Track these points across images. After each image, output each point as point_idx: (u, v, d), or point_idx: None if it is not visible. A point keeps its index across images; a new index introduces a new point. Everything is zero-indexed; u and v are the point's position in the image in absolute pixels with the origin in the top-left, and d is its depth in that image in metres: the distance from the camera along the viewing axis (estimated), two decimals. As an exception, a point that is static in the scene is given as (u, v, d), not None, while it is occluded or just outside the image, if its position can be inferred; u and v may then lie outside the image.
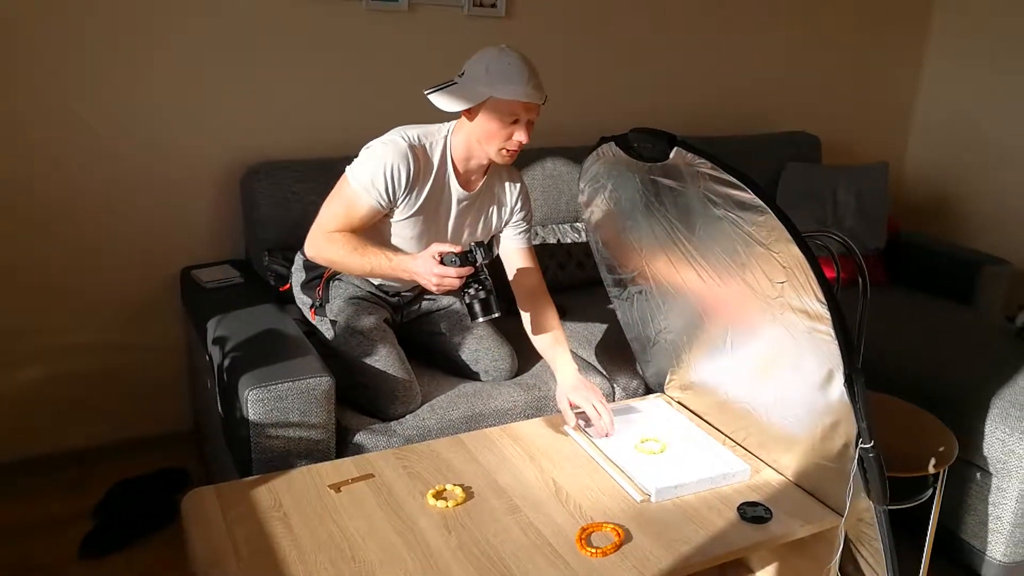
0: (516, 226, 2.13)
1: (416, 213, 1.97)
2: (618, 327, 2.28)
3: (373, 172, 1.88)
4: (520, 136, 1.88)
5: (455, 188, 2.00)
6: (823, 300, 1.45)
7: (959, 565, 2.22)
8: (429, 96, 1.91)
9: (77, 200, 2.43)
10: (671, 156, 1.62)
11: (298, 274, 2.22)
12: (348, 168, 1.93)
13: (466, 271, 1.76)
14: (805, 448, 1.67)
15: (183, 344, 2.67)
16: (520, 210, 2.12)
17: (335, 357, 2.05)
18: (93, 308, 2.52)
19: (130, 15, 2.36)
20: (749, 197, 1.48)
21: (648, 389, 2.28)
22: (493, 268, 1.88)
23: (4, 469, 2.49)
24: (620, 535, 1.53)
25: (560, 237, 2.88)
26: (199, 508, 1.58)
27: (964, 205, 3.86)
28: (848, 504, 1.59)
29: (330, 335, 2.10)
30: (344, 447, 1.93)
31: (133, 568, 2.15)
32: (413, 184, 1.92)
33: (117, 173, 2.46)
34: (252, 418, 1.81)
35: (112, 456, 2.60)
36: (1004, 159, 3.66)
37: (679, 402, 2.10)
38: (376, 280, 2.15)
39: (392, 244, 2.01)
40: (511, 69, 1.82)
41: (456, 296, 2.24)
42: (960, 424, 2.11)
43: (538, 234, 2.84)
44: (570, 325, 2.52)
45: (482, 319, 1.81)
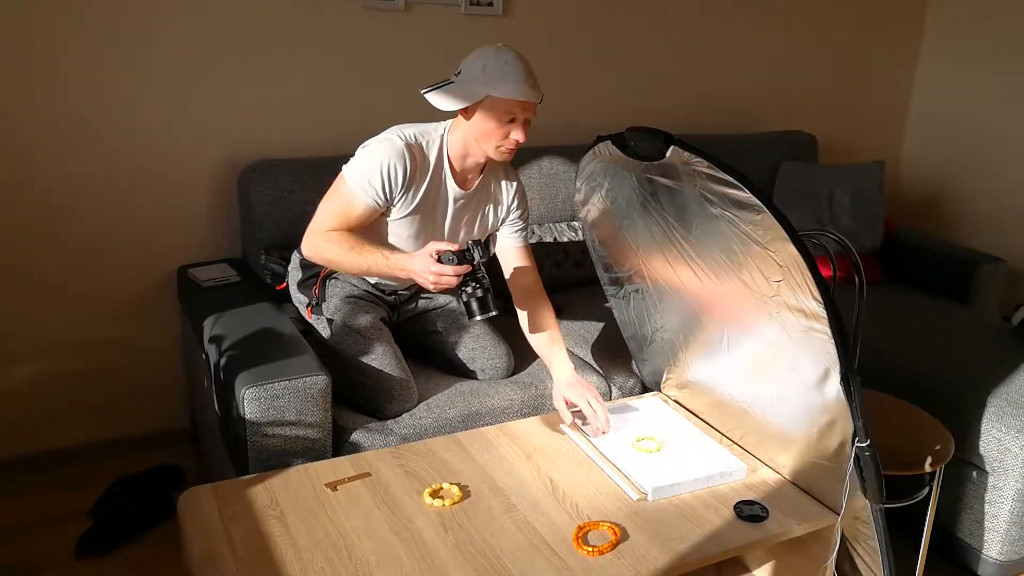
0: (513, 224, 2.13)
1: (413, 212, 1.97)
2: (615, 326, 2.28)
3: (370, 171, 1.88)
4: (517, 135, 1.88)
5: (452, 187, 2.00)
6: (819, 299, 1.45)
7: (955, 563, 2.22)
8: (426, 95, 1.91)
9: (74, 199, 2.42)
10: (667, 155, 1.62)
11: (295, 273, 2.22)
12: (345, 167, 1.93)
13: (463, 269, 1.76)
14: (801, 447, 1.67)
15: (180, 342, 2.66)
16: (517, 208, 2.12)
17: (332, 356, 2.05)
18: (90, 306, 2.52)
19: (127, 14, 2.35)
20: (746, 196, 1.48)
21: (645, 388, 2.28)
22: (489, 267, 1.88)
23: (0, 467, 2.48)
24: (617, 534, 1.54)
25: (557, 236, 2.88)
26: (195, 506, 1.58)
27: (960, 204, 3.87)
28: (844, 503, 1.59)
29: (327, 334, 2.10)
30: (340, 446, 1.93)
31: (130, 566, 2.15)
32: (410, 183, 1.92)
33: (114, 172, 2.45)
34: (248, 417, 1.81)
35: (109, 454, 2.60)
36: (1000, 157, 3.67)
37: (676, 401, 2.10)
38: (373, 279, 2.15)
39: (389, 243, 2.01)
40: (508, 68, 1.82)
41: (453, 294, 2.24)
42: (956, 422, 2.11)
43: (535, 233, 2.83)
44: (567, 324, 2.52)
45: (479, 317, 1.81)
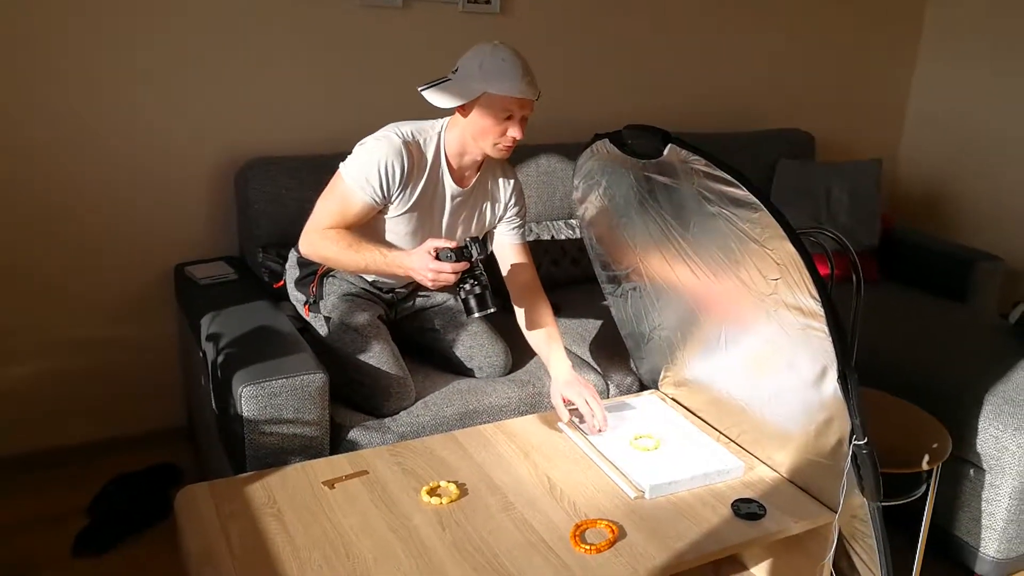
0: (510, 222, 2.12)
1: (410, 209, 1.97)
2: (612, 324, 2.28)
3: (367, 168, 1.88)
4: (514, 132, 1.88)
5: (449, 184, 1.99)
6: (817, 297, 1.45)
7: (952, 561, 2.22)
8: (423, 92, 1.91)
9: (71, 197, 2.42)
10: (665, 153, 1.62)
11: (292, 271, 2.21)
12: (342, 165, 1.93)
13: (461, 266, 1.76)
14: (799, 445, 1.67)
15: (177, 341, 2.66)
16: (514, 206, 2.12)
17: (329, 354, 2.04)
18: (87, 304, 2.51)
19: (126, 13, 2.35)
20: (743, 194, 1.48)
21: (642, 386, 2.28)
22: (487, 265, 1.87)
23: (-3, 466, 2.49)
24: (614, 532, 1.53)
25: (554, 234, 2.88)
26: (193, 505, 1.58)
27: (958, 202, 3.87)
28: (842, 500, 1.59)
29: (324, 332, 2.10)
30: (338, 444, 1.92)
31: (127, 564, 2.15)
32: (407, 180, 1.91)
33: (112, 170, 2.45)
34: (246, 415, 1.80)
35: (106, 452, 2.60)
36: (998, 156, 3.67)
37: (673, 399, 2.10)
38: (370, 277, 2.15)
39: (387, 241, 2.01)
40: (505, 65, 1.82)
41: (451, 292, 2.24)
42: (954, 421, 2.12)
43: (532, 231, 2.83)
44: (564, 322, 2.52)
45: (478, 314, 1.81)
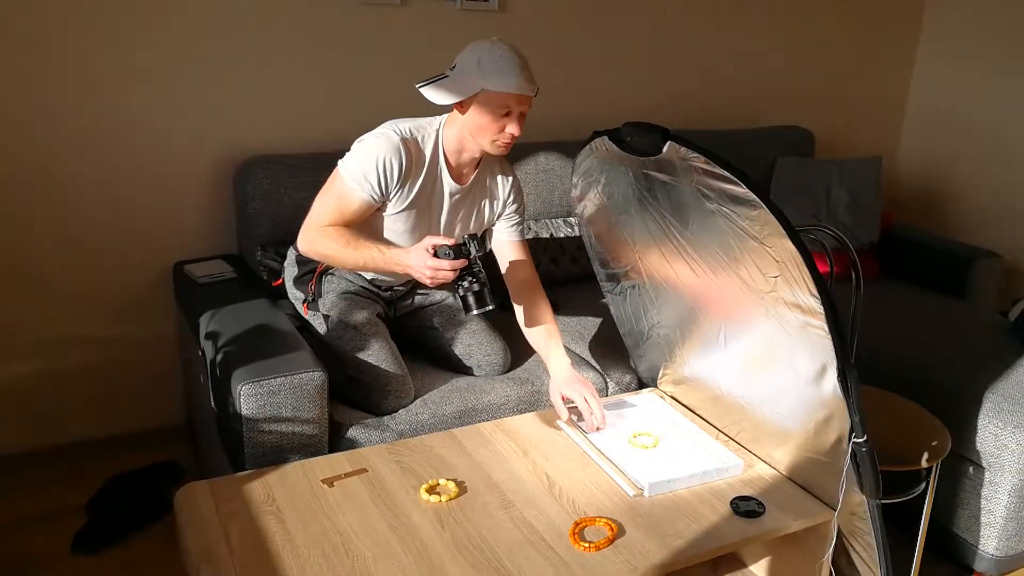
0: (509, 219, 2.12)
1: (408, 207, 1.96)
2: (611, 322, 2.28)
3: (365, 166, 1.88)
4: (512, 128, 1.88)
5: (447, 181, 1.99)
6: (816, 294, 1.45)
7: (951, 559, 2.22)
8: (421, 89, 1.91)
9: (70, 196, 2.41)
10: (664, 150, 1.61)
11: (291, 269, 2.21)
12: (340, 162, 1.92)
13: (460, 264, 1.76)
14: (798, 442, 1.67)
15: (176, 339, 2.66)
16: (513, 203, 2.12)
17: (328, 352, 2.04)
18: (86, 303, 2.51)
19: (124, 12, 2.34)
20: (742, 191, 1.48)
21: (641, 384, 2.28)
22: (486, 262, 1.87)
23: (-4, 464, 2.49)
24: (613, 529, 1.53)
25: (553, 231, 2.88)
26: (192, 503, 1.58)
27: (957, 199, 3.87)
28: (841, 498, 1.59)
29: (323, 330, 2.09)
30: (337, 442, 1.92)
31: (126, 563, 2.15)
32: (405, 178, 1.91)
33: (110, 168, 2.44)
34: (245, 413, 1.80)
35: (105, 451, 2.59)
36: (997, 153, 3.67)
37: (672, 397, 2.10)
38: (369, 275, 2.15)
39: (385, 238, 2.00)
40: (502, 61, 1.82)
41: (450, 289, 2.24)
42: (953, 418, 2.12)
43: (531, 228, 2.83)
44: (563, 319, 2.52)
45: (476, 312, 1.81)
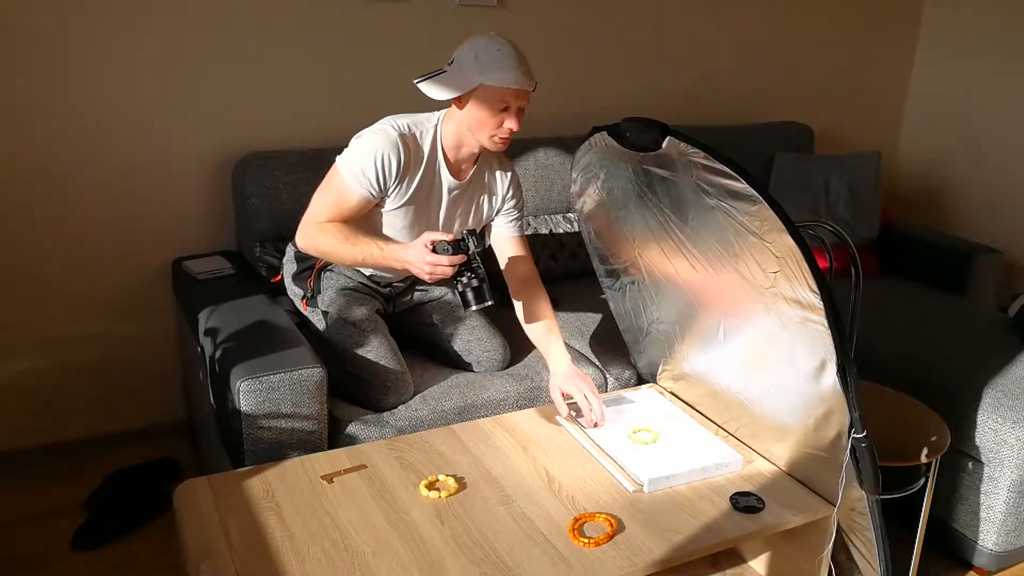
0: (508, 214, 2.12)
1: (407, 203, 1.96)
2: (611, 318, 2.27)
3: (363, 162, 1.87)
4: (511, 123, 1.87)
5: (446, 177, 1.99)
6: (816, 290, 1.45)
7: (951, 554, 2.22)
8: (419, 85, 1.90)
9: (69, 193, 2.41)
10: (664, 146, 1.61)
11: (289, 265, 2.21)
12: (338, 158, 1.92)
13: (459, 259, 1.75)
14: (798, 438, 1.67)
15: (175, 335, 2.66)
16: (511, 198, 2.11)
17: (327, 348, 2.04)
18: (84, 300, 2.51)
19: (122, 8, 2.34)
20: (742, 187, 1.48)
21: (641, 380, 2.28)
22: (486, 258, 1.87)
23: (-4, 461, 2.49)
24: (613, 525, 1.53)
25: (552, 227, 2.88)
26: (192, 499, 1.58)
27: (957, 195, 3.86)
28: (840, 494, 1.59)
29: (322, 326, 2.09)
30: (336, 438, 1.92)
31: (126, 559, 2.15)
32: (404, 173, 1.91)
33: (109, 165, 2.44)
34: (244, 409, 1.80)
35: (104, 447, 2.60)
36: (997, 149, 3.67)
37: (672, 392, 2.10)
38: (368, 271, 2.14)
39: (384, 234, 2.00)
40: (500, 56, 1.81)
41: (448, 285, 2.24)
42: (952, 414, 2.11)
43: (530, 224, 2.83)
44: (563, 316, 2.51)
45: (475, 307, 1.80)
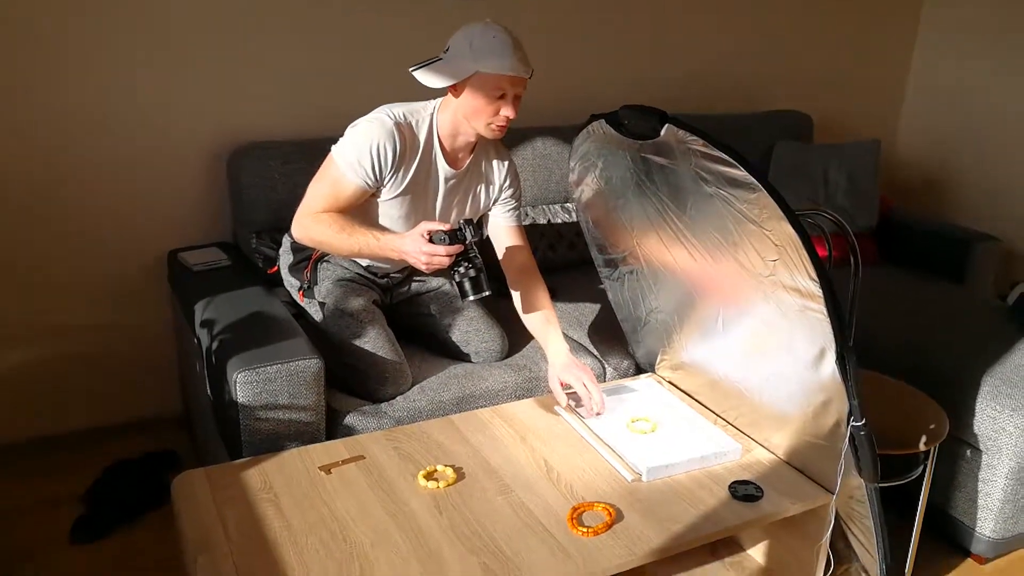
0: (505, 204, 2.11)
1: (403, 192, 1.95)
2: (609, 307, 2.27)
3: (359, 151, 1.86)
4: (507, 111, 1.86)
5: (442, 166, 1.98)
6: (815, 278, 1.44)
7: (949, 541, 2.23)
8: (414, 73, 1.89)
9: (65, 184, 2.40)
10: (662, 133, 1.60)
11: (286, 256, 2.20)
12: (334, 147, 1.91)
13: (455, 249, 1.74)
14: (796, 426, 1.67)
15: (171, 327, 2.65)
16: (509, 187, 2.10)
17: (324, 339, 2.03)
18: (80, 291, 2.50)
19: (118, 1, 2.33)
20: (741, 174, 1.47)
21: (639, 369, 2.28)
22: (483, 248, 1.86)
23: (-7, 453, 2.48)
24: (611, 514, 1.53)
25: (550, 217, 2.87)
26: (189, 491, 1.58)
27: (956, 183, 3.86)
28: (839, 482, 1.59)
29: (319, 317, 2.08)
30: (334, 429, 1.92)
31: (124, 551, 2.15)
32: (400, 163, 1.90)
33: (103, 156, 2.43)
34: (241, 401, 1.79)
35: (102, 439, 2.59)
36: (997, 137, 3.66)
37: (670, 382, 2.10)
38: (364, 261, 2.13)
39: (380, 224, 1.99)
40: (496, 43, 1.80)
41: (445, 275, 2.23)
42: (951, 402, 2.11)
43: (528, 214, 2.82)
44: (561, 306, 2.51)
45: (473, 297, 1.80)
